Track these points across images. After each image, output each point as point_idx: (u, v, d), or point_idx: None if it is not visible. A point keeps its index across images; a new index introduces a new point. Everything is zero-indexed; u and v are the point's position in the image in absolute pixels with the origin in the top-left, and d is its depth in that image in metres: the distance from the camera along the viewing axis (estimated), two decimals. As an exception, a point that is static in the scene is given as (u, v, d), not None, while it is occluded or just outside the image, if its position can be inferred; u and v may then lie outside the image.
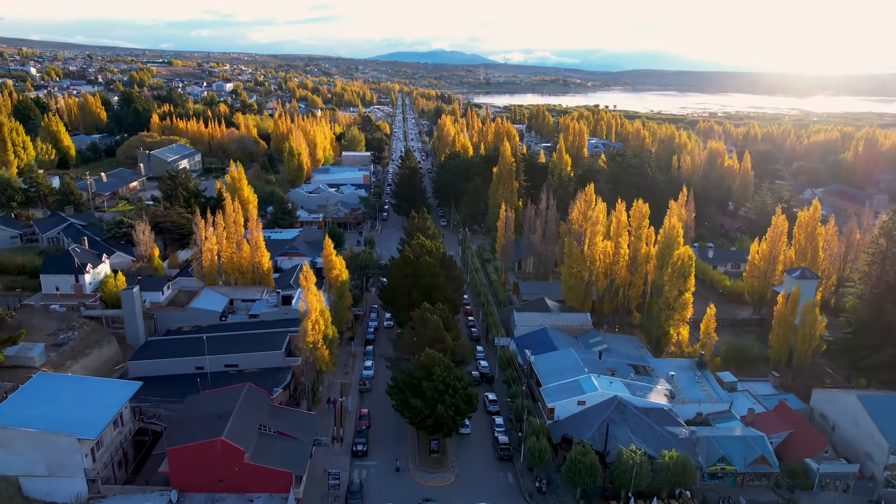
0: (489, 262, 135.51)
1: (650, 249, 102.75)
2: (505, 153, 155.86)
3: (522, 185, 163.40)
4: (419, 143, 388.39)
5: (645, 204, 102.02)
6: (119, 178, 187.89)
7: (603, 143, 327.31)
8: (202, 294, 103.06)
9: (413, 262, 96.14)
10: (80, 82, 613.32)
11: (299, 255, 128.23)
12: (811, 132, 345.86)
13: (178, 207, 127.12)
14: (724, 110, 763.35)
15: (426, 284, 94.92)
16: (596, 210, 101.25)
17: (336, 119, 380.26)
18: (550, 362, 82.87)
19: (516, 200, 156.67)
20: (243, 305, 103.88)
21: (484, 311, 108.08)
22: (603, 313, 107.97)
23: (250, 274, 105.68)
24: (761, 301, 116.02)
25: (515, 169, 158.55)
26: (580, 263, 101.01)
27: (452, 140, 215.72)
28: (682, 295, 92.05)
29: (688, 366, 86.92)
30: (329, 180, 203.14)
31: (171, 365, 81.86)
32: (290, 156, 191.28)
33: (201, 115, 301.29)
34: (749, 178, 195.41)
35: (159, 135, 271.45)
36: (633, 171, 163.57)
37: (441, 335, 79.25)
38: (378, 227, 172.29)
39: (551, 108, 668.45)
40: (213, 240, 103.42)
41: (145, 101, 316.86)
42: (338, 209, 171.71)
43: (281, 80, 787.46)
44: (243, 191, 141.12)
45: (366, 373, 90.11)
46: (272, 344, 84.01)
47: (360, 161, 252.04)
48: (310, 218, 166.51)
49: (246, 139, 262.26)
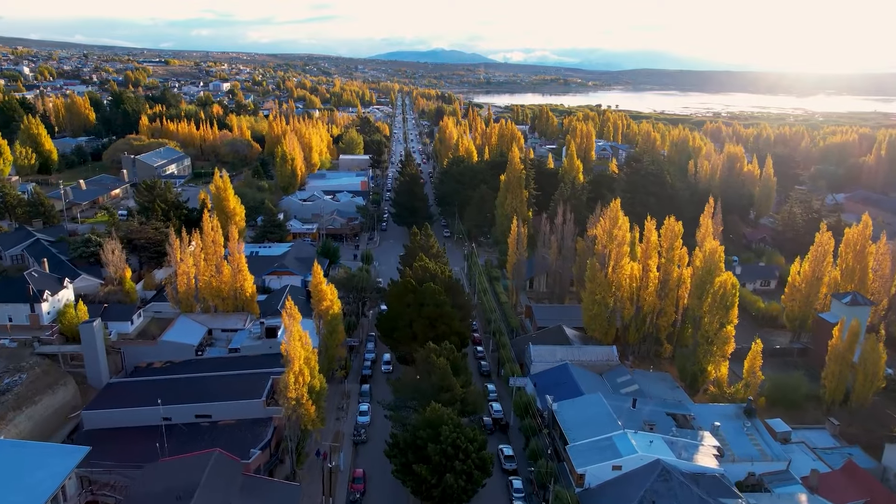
0: (498, 281, 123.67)
1: (683, 272, 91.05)
2: (513, 160, 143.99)
3: (532, 194, 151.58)
4: (420, 145, 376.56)
5: (678, 222, 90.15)
6: (100, 186, 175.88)
7: (610, 144, 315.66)
8: (177, 323, 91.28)
9: (415, 289, 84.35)
10: (75, 82, 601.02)
11: (289, 273, 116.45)
12: (826, 133, 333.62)
13: (156, 221, 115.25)
14: (728, 110, 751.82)
15: (430, 314, 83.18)
16: (622, 228, 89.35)
17: (334, 120, 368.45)
18: (576, 411, 70.99)
19: (526, 211, 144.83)
20: (223, 336, 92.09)
21: (495, 340, 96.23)
22: (627, 343, 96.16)
23: (231, 300, 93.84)
24: (801, 326, 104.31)
25: (525, 177, 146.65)
26: (604, 289, 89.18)
27: (455, 144, 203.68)
28: (724, 328, 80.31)
29: (734, 413, 75.04)
30: (325, 186, 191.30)
31: (132, 415, 70.00)
32: (283, 161, 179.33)
33: (193, 117, 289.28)
34: (771, 185, 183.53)
35: (148, 137, 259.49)
36: (651, 178, 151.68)
37: (449, 382, 67.46)
38: (376, 239, 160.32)
39: (554, 108, 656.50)
40: (190, 261, 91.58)
41: (135, 102, 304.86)
42: (333, 219, 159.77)
43: (279, 80, 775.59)
44: (229, 201, 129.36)
45: (361, 419, 78.24)
46: (251, 390, 72.19)
47: (358, 165, 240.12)
48: (303, 229, 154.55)
49: (238, 142, 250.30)
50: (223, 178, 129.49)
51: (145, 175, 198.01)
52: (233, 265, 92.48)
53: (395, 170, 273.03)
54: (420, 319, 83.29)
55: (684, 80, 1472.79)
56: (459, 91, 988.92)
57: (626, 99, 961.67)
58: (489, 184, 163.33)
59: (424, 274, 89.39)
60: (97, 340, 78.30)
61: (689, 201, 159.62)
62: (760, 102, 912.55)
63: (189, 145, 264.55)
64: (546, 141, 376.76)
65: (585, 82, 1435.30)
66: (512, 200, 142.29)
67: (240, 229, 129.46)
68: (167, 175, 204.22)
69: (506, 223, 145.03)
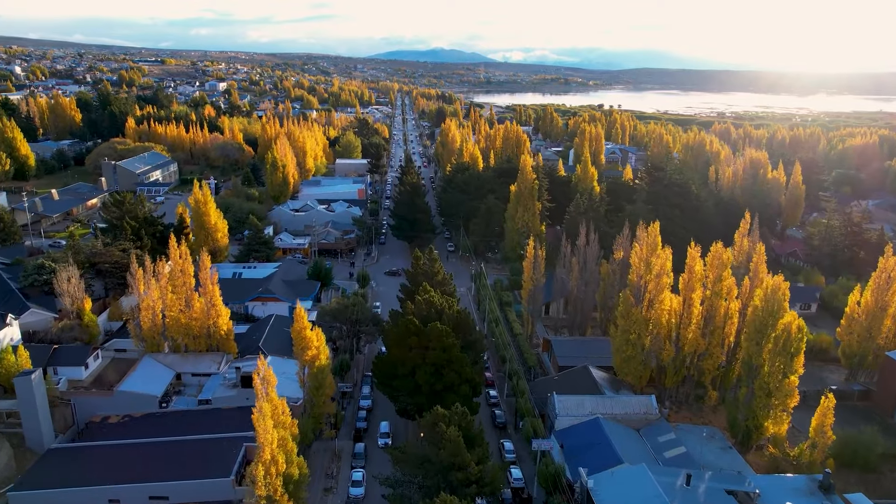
0: (510, 306, 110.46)
1: (731, 305, 77.89)
2: (525, 168, 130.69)
3: (545, 206, 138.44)
4: (420, 147, 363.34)
5: (726, 249, 76.96)
6: (75, 196, 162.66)
7: (620, 147, 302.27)
8: (140, 367, 78.07)
9: (419, 330, 71.11)
10: (67, 82, 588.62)
11: (275, 299, 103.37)
12: (843, 136, 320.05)
13: (125, 241, 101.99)
14: (732, 110, 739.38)
15: (437, 360, 70.00)
16: (661, 257, 76.08)
17: (331, 121, 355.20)
18: (618, 490, 57.80)
19: (539, 225, 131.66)
20: (194, 381, 78.96)
21: (510, 384, 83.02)
22: (664, 386, 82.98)
23: (204, 338, 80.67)
24: (860, 364, 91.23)
25: (538, 187, 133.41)
26: (641, 327, 76.02)
27: (459, 149, 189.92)
28: (787, 378, 67.13)
29: (806, 488, 61.75)
30: (319, 195, 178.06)
31: (72, 497, 56.86)
32: (274, 168, 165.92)
33: (182, 119, 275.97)
34: (800, 193, 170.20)
35: (134, 141, 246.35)
36: (675, 189, 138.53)
37: (461, 459, 54.33)
38: (374, 255, 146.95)
39: (557, 108, 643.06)
40: (155, 294, 78.41)
41: (123, 103, 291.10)
42: (327, 232, 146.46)
43: (276, 80, 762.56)
44: (210, 216, 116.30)
45: (354, 491, 64.87)
46: (219, 463, 59.02)
47: (355, 170, 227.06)
48: (293, 244, 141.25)
49: (229, 145, 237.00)
50: (203, 190, 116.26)
51: (127, 183, 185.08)
52: (206, 297, 79.23)
53: (394, 174, 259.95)
54: (425, 367, 70.09)
55: (685, 80, 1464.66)
56: (460, 91, 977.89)
57: (627, 98, 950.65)
58: (497, 193, 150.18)
59: (429, 310, 76.17)
60: (36, 396, 65.07)
61: (714, 213, 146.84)
62: (763, 102, 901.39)
63: (178, 149, 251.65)
64: (551, 143, 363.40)
65: (586, 82, 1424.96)
66: (523, 214, 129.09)
67: (221, 247, 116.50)
68: (151, 182, 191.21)
69: (516, 238, 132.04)
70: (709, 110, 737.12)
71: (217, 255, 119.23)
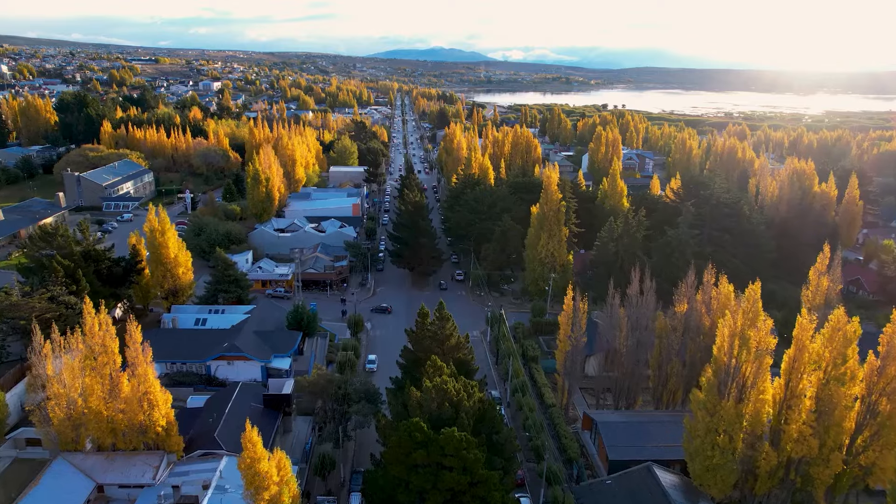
0: (536, 362, 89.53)
1: (852, 390, 57.02)
2: (549, 187, 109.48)
3: (573, 231, 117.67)
4: (421, 151, 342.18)
5: (852, 319, 55.85)
6: (25, 214, 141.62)
7: (636, 152, 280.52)
8: (47, 474, 57.18)
9: (427, 439, 50.24)
10: (56, 81, 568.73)
11: (243, 358, 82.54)
12: (875, 139, 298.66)
13: (56, 286, 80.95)
14: (739, 110, 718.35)
15: (454, 484, 49.21)
16: (762, 328, 55.02)
17: (327, 124, 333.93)
18: None
19: (566, 255, 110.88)
20: (122, 495, 58.12)
21: (548, 493, 61.91)
22: (753, 494, 62.06)
23: (137, 434, 59.69)
24: None
25: (565, 207, 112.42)
26: (733, 426, 55.13)
27: (467, 160, 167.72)
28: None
29: None
30: (309, 211, 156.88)
31: None
32: (256, 182, 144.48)
33: (164, 122, 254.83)
34: (857, 210, 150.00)
35: (110, 147, 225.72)
36: (725, 209, 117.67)
37: None
38: (370, 285, 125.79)
39: (562, 108, 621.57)
40: (68, 376, 57.56)
41: (101, 105, 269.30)
42: (315, 259, 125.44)
43: (273, 79, 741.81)
44: (168, 248, 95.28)
45: None
46: None
47: (350, 179, 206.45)
48: (276, 275, 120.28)
49: (212, 152, 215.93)
50: (160, 216, 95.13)
51: (92, 197, 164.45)
52: (137, 377, 58.17)
53: (393, 183, 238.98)
54: (436, 494, 49.27)
55: (686, 79, 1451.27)
56: (460, 90, 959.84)
57: (629, 98, 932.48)
58: (512, 212, 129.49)
59: (441, 402, 55.20)
60: None
61: (766, 237, 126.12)
62: (767, 101, 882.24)
63: (159, 155, 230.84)
64: (560, 147, 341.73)
65: (588, 81, 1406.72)
66: (547, 242, 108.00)
67: (183, 285, 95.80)
68: (119, 196, 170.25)
69: (538, 270, 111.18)
70: (715, 110, 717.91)
71: (179, 296, 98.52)
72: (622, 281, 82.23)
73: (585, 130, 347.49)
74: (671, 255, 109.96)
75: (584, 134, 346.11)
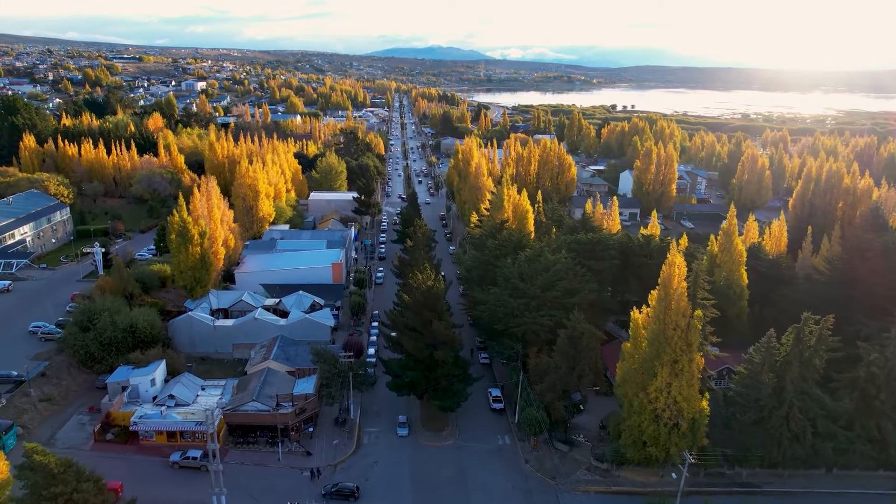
0: None
1: None
2: (669, 282, 60.24)
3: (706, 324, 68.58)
4: (424, 164, 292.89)
5: None
6: None
7: (684, 169, 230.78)
8: None
9: None
10: (23, 81, 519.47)
11: None
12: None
13: None
14: (754, 111, 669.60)
15: None
16: None
17: (314, 133, 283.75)
18: None
19: (699, 401, 62.12)
20: None
21: None
22: None
23: None
24: None
25: (692, 299, 63.28)
26: None
27: (497, 199, 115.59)
28: None
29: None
30: (268, 275, 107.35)
31: None
32: (184, 240, 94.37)
33: (110, 134, 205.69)
34: None
35: (34, 168, 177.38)
36: None
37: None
38: (352, 429, 76.17)
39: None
40: None
41: (33, 114, 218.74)
42: (261, 381, 76.30)
43: (263, 79, 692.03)
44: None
45: None
46: None
47: (335, 209, 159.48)
48: (197, 410, 71.36)
49: (156, 176, 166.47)
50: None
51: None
52: None
53: (392, 209, 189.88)
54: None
55: (687, 77, 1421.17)
56: (460, 89, 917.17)
57: (634, 97, 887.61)
58: (579, 295, 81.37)
59: None
60: None
61: None
62: (776, 101, 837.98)
63: (97, 177, 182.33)
64: (585, 159, 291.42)
65: (589, 80, 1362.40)
66: (670, 380, 59.13)
67: None
68: (10, 246, 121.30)
69: (648, 426, 62.64)
70: (730, 111, 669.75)
71: None
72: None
73: (612, 139, 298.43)
74: (875, 397, 62.56)
75: (610, 143, 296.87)
